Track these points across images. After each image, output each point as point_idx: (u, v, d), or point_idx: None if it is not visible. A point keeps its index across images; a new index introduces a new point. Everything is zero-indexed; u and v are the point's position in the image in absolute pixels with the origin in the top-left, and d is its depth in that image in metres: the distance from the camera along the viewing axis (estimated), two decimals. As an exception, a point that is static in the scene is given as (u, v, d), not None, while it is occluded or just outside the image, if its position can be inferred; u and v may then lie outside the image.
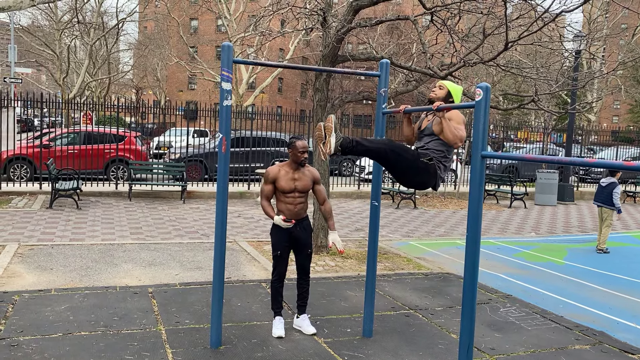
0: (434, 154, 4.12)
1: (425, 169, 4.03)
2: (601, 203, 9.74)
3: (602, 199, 9.75)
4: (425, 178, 4.07)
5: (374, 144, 3.96)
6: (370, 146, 3.93)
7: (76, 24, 31.91)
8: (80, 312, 5.25)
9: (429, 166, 4.04)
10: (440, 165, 4.13)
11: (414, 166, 4.00)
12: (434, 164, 4.08)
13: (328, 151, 3.83)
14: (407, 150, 4.04)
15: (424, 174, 4.04)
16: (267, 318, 5.32)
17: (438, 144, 4.14)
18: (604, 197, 9.72)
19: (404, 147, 4.07)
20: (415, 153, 4.08)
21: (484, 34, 7.98)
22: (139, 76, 55.46)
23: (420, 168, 4.01)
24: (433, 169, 4.07)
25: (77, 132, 15.26)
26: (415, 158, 4.02)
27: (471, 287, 3.62)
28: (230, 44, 4.24)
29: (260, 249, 8.37)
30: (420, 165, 4.00)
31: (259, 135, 16.78)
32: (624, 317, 6.10)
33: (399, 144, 4.04)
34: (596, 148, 25.54)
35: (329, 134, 3.84)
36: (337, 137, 3.84)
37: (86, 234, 9.01)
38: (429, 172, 4.05)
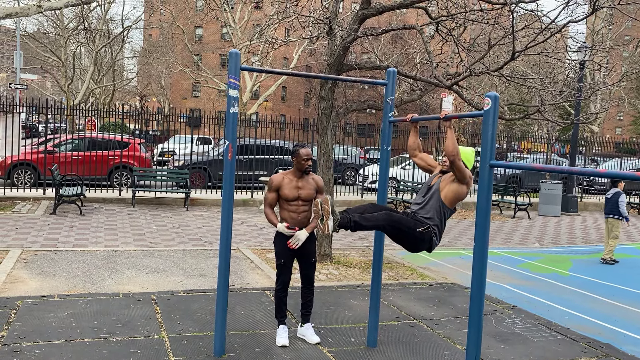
0: (431, 222, 4.21)
1: (421, 238, 4.18)
2: (608, 214, 9.71)
3: (608, 209, 9.72)
4: (420, 245, 4.25)
5: (371, 221, 4.07)
6: (368, 225, 4.07)
7: (82, 31, 32.11)
8: (83, 318, 5.22)
9: (424, 235, 4.18)
10: (436, 232, 4.24)
11: (412, 237, 4.17)
12: (429, 232, 4.19)
13: (326, 232, 3.97)
14: (404, 224, 4.14)
15: (420, 243, 4.22)
16: (270, 326, 5.28)
17: (436, 209, 4.24)
18: (609, 207, 9.69)
19: (401, 221, 4.15)
20: (413, 224, 4.17)
21: (489, 44, 7.99)
22: (144, 83, 55.71)
23: (417, 238, 4.18)
24: (428, 236, 4.20)
25: (81, 138, 15.30)
26: (412, 230, 4.14)
27: (478, 299, 3.59)
28: (238, 51, 4.24)
29: (263, 257, 8.35)
30: (417, 235, 4.16)
31: (262, 143, 16.80)
32: (631, 329, 6.04)
33: (397, 218, 4.13)
34: (599, 159, 25.47)
35: (326, 216, 3.97)
36: (335, 219, 3.98)
37: (89, 240, 8.99)
38: (425, 241, 4.21)
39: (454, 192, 4.24)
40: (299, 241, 4.68)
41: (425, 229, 4.15)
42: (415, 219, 4.23)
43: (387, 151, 4.78)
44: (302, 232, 4.71)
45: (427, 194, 4.35)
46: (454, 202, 4.30)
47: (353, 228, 4.04)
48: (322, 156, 7.91)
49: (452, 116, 4.00)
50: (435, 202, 4.26)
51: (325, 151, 7.93)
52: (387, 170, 4.79)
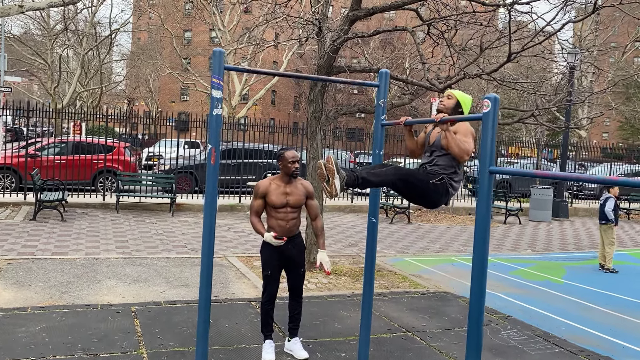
0: (444, 172, 3.90)
1: (436, 190, 3.85)
2: (601, 220, 9.56)
3: (600, 215, 9.58)
4: (436, 198, 3.90)
5: (380, 176, 3.76)
6: (376, 180, 3.76)
7: (67, 32, 31.66)
8: (56, 333, 4.93)
9: (439, 187, 3.85)
10: (451, 182, 3.92)
11: (425, 190, 3.84)
12: (444, 182, 3.87)
13: (334, 192, 3.64)
14: (415, 176, 3.85)
15: (435, 195, 3.87)
16: (256, 341, 5.02)
17: (447, 159, 3.91)
18: (601, 213, 9.55)
19: (412, 172, 3.86)
20: (424, 176, 3.88)
21: (481, 47, 7.81)
22: (132, 87, 55.18)
23: (431, 191, 3.84)
24: (444, 188, 3.88)
25: (65, 142, 14.93)
26: (425, 182, 3.83)
27: (477, 314, 3.36)
28: (222, 49, 3.99)
29: (250, 265, 8.08)
30: (431, 187, 3.83)
31: (250, 147, 16.53)
32: (630, 341, 5.85)
33: (406, 171, 3.85)
34: (587, 164, 25.45)
35: (332, 175, 3.66)
36: (341, 176, 3.66)
37: (70, 248, 8.67)
38: (440, 193, 3.87)
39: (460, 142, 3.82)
40: (328, 264, 4.44)
41: (439, 180, 3.83)
42: (427, 171, 3.92)
43: (380, 155, 4.54)
44: (322, 254, 4.48)
45: (431, 153, 4.04)
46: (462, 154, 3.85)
47: (361, 185, 3.70)
48: (312, 160, 7.67)
49: (448, 119, 3.76)
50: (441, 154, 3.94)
51: (315, 155, 7.70)
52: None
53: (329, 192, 3.63)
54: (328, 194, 3.65)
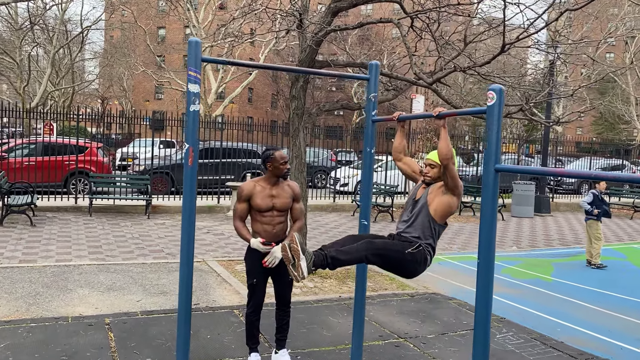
0: (422, 238, 3.64)
1: (413, 260, 3.59)
2: (588, 216, 9.43)
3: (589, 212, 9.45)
4: (414, 268, 3.63)
5: (351, 254, 3.45)
6: (347, 258, 3.45)
7: (35, 29, 30.70)
8: (22, 351, 4.52)
9: (416, 255, 3.60)
10: (429, 249, 3.66)
11: (402, 260, 3.58)
12: (422, 250, 3.61)
13: (301, 276, 3.35)
14: (390, 248, 3.56)
15: (412, 264, 3.61)
16: (241, 353, 4.69)
17: (426, 224, 3.67)
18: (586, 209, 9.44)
19: (386, 245, 3.56)
20: (400, 245, 3.60)
21: (465, 40, 7.57)
22: (105, 86, 54.01)
23: (407, 261, 3.58)
24: (422, 256, 3.62)
25: (34, 142, 14.34)
26: (400, 252, 3.57)
27: (484, 324, 3.10)
28: (199, 39, 3.64)
29: (231, 269, 7.72)
30: (407, 258, 3.57)
31: (229, 146, 16.12)
32: (627, 341, 5.67)
33: (380, 244, 3.53)
34: (564, 159, 25.59)
35: (297, 257, 3.36)
36: (308, 257, 3.37)
37: (39, 255, 8.20)
38: (418, 262, 3.61)
39: (445, 204, 3.64)
40: (275, 259, 4.03)
41: (416, 248, 3.57)
42: (402, 239, 3.66)
43: (371, 154, 4.24)
44: (278, 248, 4.10)
45: (413, 210, 3.78)
46: (445, 217, 3.70)
47: (331, 265, 3.42)
48: (295, 159, 7.34)
49: (447, 113, 3.49)
50: (424, 218, 3.68)
51: (297, 154, 7.37)
52: (370, 174, 4.25)
53: (295, 276, 3.34)
54: (294, 278, 3.36)
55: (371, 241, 3.51)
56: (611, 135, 47.25)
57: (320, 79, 42.67)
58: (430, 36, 7.86)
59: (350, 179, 18.34)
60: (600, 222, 9.40)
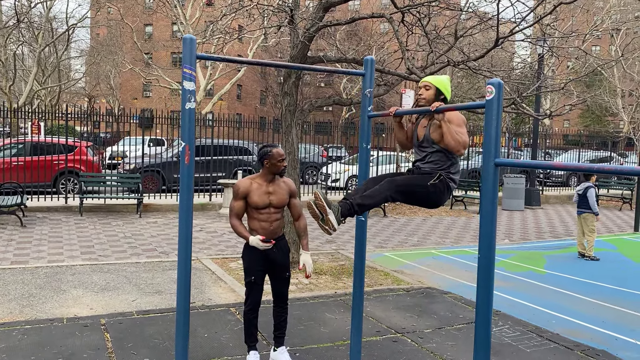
0: (440, 168, 3.65)
1: (436, 190, 3.61)
2: (581, 209, 9.48)
3: (581, 204, 9.50)
4: (438, 198, 3.66)
5: (375, 197, 3.50)
6: (373, 202, 3.51)
7: (20, 27, 30.32)
8: (17, 353, 4.47)
9: (438, 186, 3.61)
10: (450, 176, 3.67)
11: (425, 193, 3.61)
12: (443, 179, 3.63)
13: (332, 228, 3.40)
14: (411, 183, 3.59)
15: (436, 195, 3.63)
16: (239, 351, 4.67)
17: (440, 155, 3.66)
18: (582, 202, 9.47)
19: (407, 181, 3.60)
20: (421, 179, 3.62)
21: (456, 35, 7.58)
22: (92, 84, 53.53)
23: (431, 192, 3.61)
24: (444, 185, 3.63)
25: (22, 142, 14.18)
26: (423, 186, 3.59)
27: (485, 319, 3.11)
28: (193, 36, 3.61)
29: (225, 267, 7.69)
30: (430, 189, 3.60)
31: (220, 143, 16.05)
32: (621, 332, 5.71)
33: (401, 180, 3.58)
34: (552, 152, 25.75)
35: (324, 212, 3.41)
36: (334, 209, 3.42)
37: (30, 256, 8.12)
38: (442, 191, 3.63)
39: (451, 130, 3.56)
40: (311, 267, 4.16)
41: (437, 178, 3.60)
42: (422, 172, 3.68)
43: (367, 149, 4.23)
44: (305, 256, 4.18)
45: (421, 148, 3.78)
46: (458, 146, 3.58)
47: (359, 212, 3.48)
48: (288, 156, 7.31)
49: (444, 108, 3.48)
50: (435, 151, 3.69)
51: (290, 150, 7.35)
52: (367, 170, 4.24)
53: (327, 229, 3.38)
54: (326, 232, 3.41)
55: (392, 179, 3.55)
56: (598, 127, 47.64)
57: (309, 75, 42.61)
58: (421, 31, 7.86)
59: (341, 175, 18.34)
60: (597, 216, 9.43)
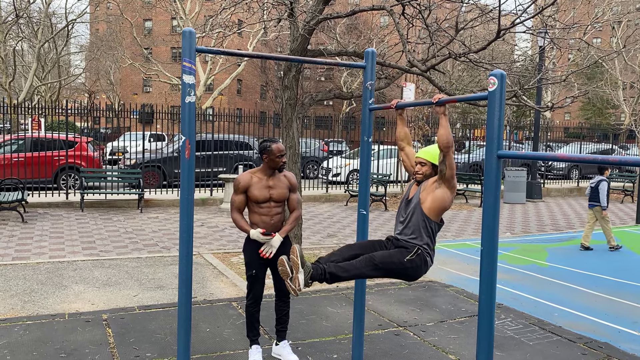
0: (419, 240, 3.63)
1: (414, 266, 3.59)
2: (595, 202, 9.44)
3: (593, 198, 9.48)
4: (415, 272, 3.64)
5: (350, 271, 3.44)
6: (346, 275, 3.44)
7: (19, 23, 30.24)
8: (19, 349, 4.46)
9: (415, 261, 3.59)
10: (428, 251, 3.65)
11: (403, 269, 3.58)
12: (420, 254, 3.61)
13: (297, 288, 3.36)
14: (388, 259, 3.54)
15: (413, 270, 3.61)
16: (241, 345, 4.66)
17: (424, 221, 3.64)
18: (594, 195, 9.46)
19: (384, 258, 3.54)
20: (398, 254, 3.58)
21: (457, 27, 7.53)
22: (92, 79, 53.45)
23: (408, 268, 3.58)
24: (422, 260, 3.62)
25: (22, 138, 14.16)
26: (400, 262, 3.55)
27: (488, 314, 3.09)
28: (192, 29, 3.58)
29: (227, 262, 7.69)
30: (407, 265, 3.57)
31: (220, 138, 16.03)
32: (624, 324, 5.70)
33: (379, 258, 3.51)
34: (553, 145, 25.70)
35: (296, 269, 3.36)
36: (306, 271, 3.36)
37: (32, 251, 8.11)
38: (419, 266, 3.61)
39: (439, 201, 3.60)
40: (272, 248, 4.05)
41: (415, 254, 3.57)
42: (400, 245, 3.65)
43: (368, 143, 4.21)
44: (275, 238, 4.08)
45: (407, 209, 3.75)
46: (440, 214, 3.67)
47: (329, 281, 3.42)
48: (288, 150, 7.29)
49: (446, 100, 3.45)
50: (418, 217, 3.65)
51: (291, 145, 7.32)
52: (368, 164, 4.22)
53: (292, 289, 3.35)
54: (292, 292, 3.36)
55: (371, 257, 3.50)
56: (599, 120, 47.51)
57: (309, 68, 42.52)
58: (421, 23, 7.81)
59: (342, 169, 18.32)
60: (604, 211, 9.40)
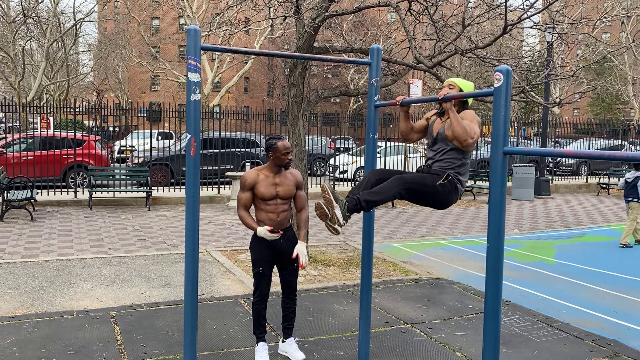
0: (450, 168, 3.65)
1: (445, 190, 3.62)
2: (631, 198, 9.42)
3: (628, 193, 9.44)
4: (446, 198, 3.67)
5: (382, 194, 3.47)
6: (379, 198, 3.48)
7: (28, 23, 30.42)
8: (28, 346, 4.50)
9: (446, 186, 3.62)
10: (458, 178, 3.67)
11: (433, 193, 3.61)
12: (451, 179, 3.63)
13: (338, 224, 3.39)
14: (420, 181, 3.58)
15: (444, 195, 3.64)
16: (248, 343, 4.68)
17: (452, 154, 3.66)
18: (629, 191, 9.44)
19: (415, 179, 3.58)
20: (430, 178, 3.61)
21: (464, 23, 7.49)
22: (100, 78, 53.70)
23: (439, 192, 3.61)
24: (452, 186, 3.64)
25: (32, 137, 14.26)
26: (431, 185, 3.58)
27: (494, 310, 3.09)
28: (197, 27, 3.58)
29: (234, 259, 7.70)
30: (438, 189, 3.60)
31: (227, 136, 16.06)
32: (632, 321, 5.67)
33: (410, 178, 3.56)
34: (562, 141, 25.53)
35: (331, 207, 3.39)
36: (341, 204, 3.39)
37: (41, 249, 8.17)
38: (449, 191, 3.64)
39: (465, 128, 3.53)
40: (305, 257, 4.11)
41: (446, 179, 3.60)
42: (431, 172, 3.67)
43: (374, 140, 4.20)
44: (300, 245, 4.13)
45: (434, 146, 3.78)
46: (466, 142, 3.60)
47: (366, 208, 3.46)
48: (295, 147, 7.30)
49: (452, 96, 3.44)
50: (447, 149, 3.68)
51: (297, 142, 7.32)
52: (374, 160, 4.21)
53: (334, 229, 3.37)
54: (333, 231, 3.39)
55: (401, 177, 3.52)
56: (609, 115, 47.13)
57: (316, 66, 42.47)
58: (428, 19, 7.78)
59: (349, 166, 18.31)
60: None
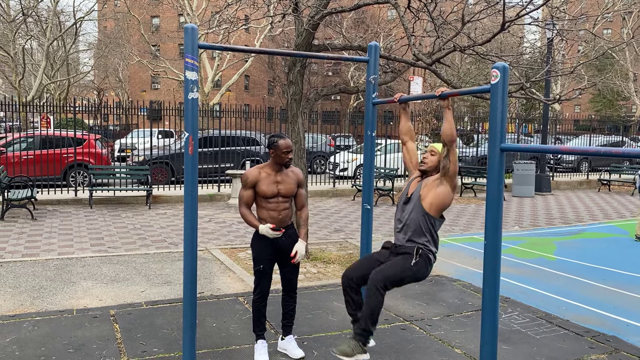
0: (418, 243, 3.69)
1: (420, 267, 3.67)
2: None
3: None
4: (422, 273, 3.73)
5: (369, 303, 3.59)
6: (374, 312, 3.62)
7: (27, 22, 30.42)
8: (28, 344, 4.51)
9: (419, 262, 3.67)
10: (429, 249, 3.71)
11: (413, 275, 3.68)
12: (422, 254, 3.68)
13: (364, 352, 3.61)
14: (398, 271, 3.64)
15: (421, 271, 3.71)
16: (247, 340, 4.69)
17: (424, 219, 3.69)
18: None
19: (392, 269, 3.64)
20: (403, 263, 3.66)
21: (463, 20, 7.48)
22: (100, 77, 53.75)
23: (417, 272, 3.68)
24: (425, 259, 3.70)
25: (32, 136, 14.27)
26: (408, 269, 3.64)
27: (492, 307, 3.09)
28: (195, 25, 3.59)
29: (234, 257, 7.71)
30: (414, 269, 3.65)
31: (227, 134, 16.07)
32: (632, 317, 5.67)
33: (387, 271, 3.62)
34: (562, 137, 25.51)
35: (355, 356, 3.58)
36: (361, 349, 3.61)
37: (41, 248, 8.19)
38: (425, 266, 3.70)
39: (441, 197, 3.64)
40: (302, 256, 4.15)
41: (418, 257, 3.65)
42: (400, 252, 3.71)
43: (372, 137, 4.21)
44: (300, 244, 4.16)
45: (406, 207, 3.78)
46: (441, 210, 3.70)
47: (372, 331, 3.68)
48: (294, 145, 7.30)
49: (450, 93, 3.44)
50: (418, 214, 3.68)
51: (297, 140, 7.32)
52: (372, 158, 4.22)
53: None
54: None
55: (377, 274, 3.58)
56: (610, 112, 47.07)
57: (317, 63, 42.47)
58: (427, 16, 7.77)
59: (349, 164, 18.31)
60: None
